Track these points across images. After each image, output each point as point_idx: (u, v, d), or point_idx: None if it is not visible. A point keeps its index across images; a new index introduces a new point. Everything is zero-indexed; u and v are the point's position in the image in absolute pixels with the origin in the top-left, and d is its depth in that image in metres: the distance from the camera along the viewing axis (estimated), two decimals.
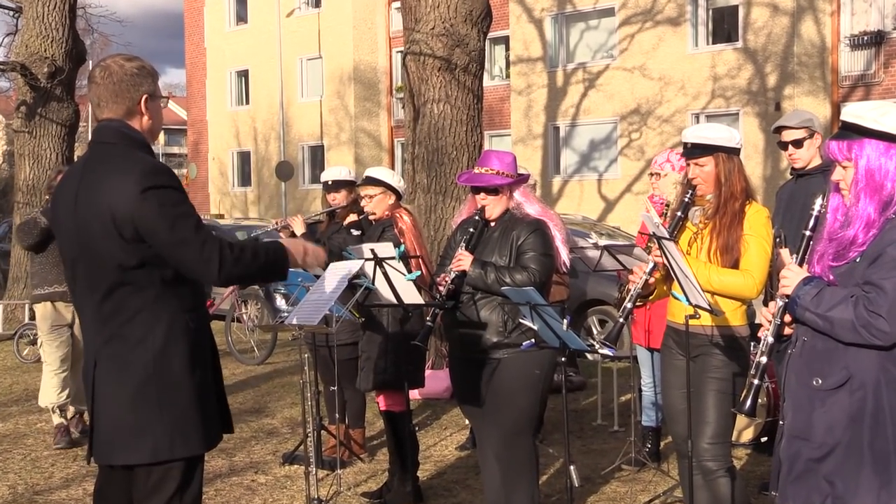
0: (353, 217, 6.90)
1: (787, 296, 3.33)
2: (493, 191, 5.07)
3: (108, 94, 3.63)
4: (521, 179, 5.18)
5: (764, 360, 3.46)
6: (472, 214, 5.18)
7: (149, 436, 3.52)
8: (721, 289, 4.49)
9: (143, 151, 3.61)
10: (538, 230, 5.02)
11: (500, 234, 5.09)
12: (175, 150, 58.54)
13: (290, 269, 6.55)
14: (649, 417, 6.95)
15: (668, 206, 6.23)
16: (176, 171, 41.76)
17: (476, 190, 5.12)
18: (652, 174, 6.53)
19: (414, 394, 8.44)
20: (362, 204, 6.48)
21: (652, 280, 4.64)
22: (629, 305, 4.53)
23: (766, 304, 3.54)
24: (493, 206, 5.10)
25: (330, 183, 6.96)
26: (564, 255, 5.17)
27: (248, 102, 39.96)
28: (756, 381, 3.50)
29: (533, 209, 5.11)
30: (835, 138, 3.33)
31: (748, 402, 3.52)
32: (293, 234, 6.91)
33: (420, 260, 5.94)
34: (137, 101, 3.64)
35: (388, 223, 6.26)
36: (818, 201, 3.38)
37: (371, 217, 6.40)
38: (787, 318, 3.39)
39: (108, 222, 3.45)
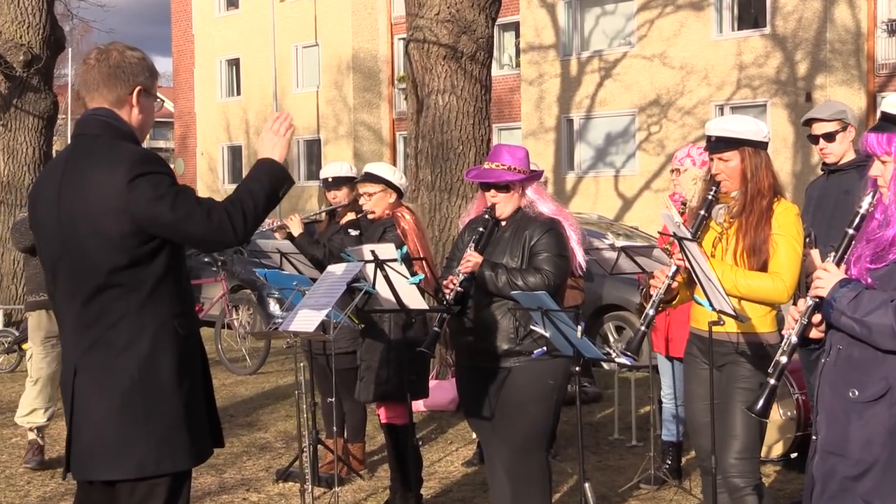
0: (350, 216, 6.90)
1: (820, 297, 3.32)
2: (505, 188, 5.07)
3: (101, 77, 3.65)
4: (534, 176, 5.19)
5: (784, 360, 3.46)
6: (481, 213, 5.18)
7: (133, 449, 3.52)
8: (749, 293, 4.49)
9: (129, 142, 3.62)
10: (552, 230, 5.03)
11: (511, 234, 5.09)
12: (161, 144, 58.54)
13: (285, 273, 6.60)
14: (670, 431, 6.94)
15: (684, 204, 6.24)
16: None
17: (486, 187, 5.13)
18: (673, 170, 6.53)
19: (418, 405, 8.45)
20: (361, 202, 6.49)
21: (675, 284, 4.64)
22: (651, 312, 4.53)
23: (795, 304, 3.52)
24: (504, 205, 5.10)
25: (331, 180, 6.97)
26: (580, 256, 5.18)
27: (239, 93, 39.99)
28: (773, 382, 3.50)
29: (546, 207, 5.12)
30: (874, 130, 3.32)
31: (761, 403, 3.52)
32: (289, 236, 6.93)
33: (424, 262, 5.94)
34: (130, 92, 3.65)
35: (388, 223, 6.26)
36: (867, 199, 3.34)
37: (370, 216, 6.40)
38: (816, 318, 3.38)
39: (97, 219, 3.46)
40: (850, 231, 3.35)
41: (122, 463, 3.54)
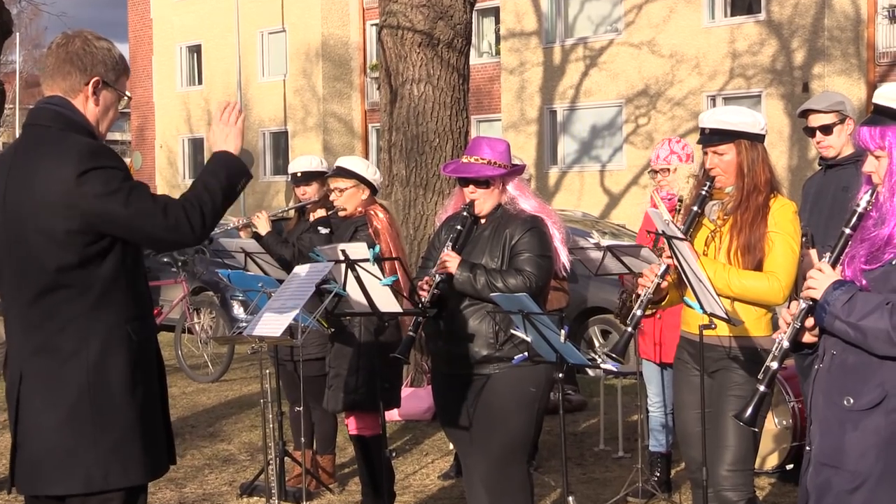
0: (321, 213, 6.90)
1: (814, 300, 3.34)
2: (484, 183, 5.08)
3: (57, 64, 3.63)
4: (516, 170, 5.20)
5: (774, 365, 3.49)
6: (459, 210, 5.19)
7: (81, 462, 3.51)
8: (742, 293, 4.51)
9: (82, 134, 3.59)
10: (535, 228, 5.04)
11: (491, 232, 5.10)
12: (117, 136, 58.22)
13: (250, 274, 6.59)
14: (658, 441, 6.97)
15: (681, 201, 6.26)
16: None
17: (464, 182, 5.13)
18: (658, 171, 6.55)
19: (392, 415, 8.45)
20: (332, 198, 6.49)
21: (664, 284, 4.66)
22: (639, 313, 4.56)
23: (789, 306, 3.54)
24: (484, 201, 5.11)
25: (300, 175, 6.97)
26: (564, 256, 5.19)
27: (200, 82, 39.85)
28: (762, 388, 3.54)
29: (528, 204, 5.13)
30: (866, 124, 3.35)
31: (749, 410, 3.55)
32: (255, 234, 6.92)
33: (398, 263, 5.95)
34: (86, 82, 3.63)
35: (360, 221, 6.27)
36: (865, 197, 3.37)
37: (341, 213, 6.40)
38: (809, 322, 3.40)
39: (44, 215, 3.45)
40: (847, 230, 3.37)
41: (69, 476, 3.52)
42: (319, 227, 6.75)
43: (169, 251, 3.48)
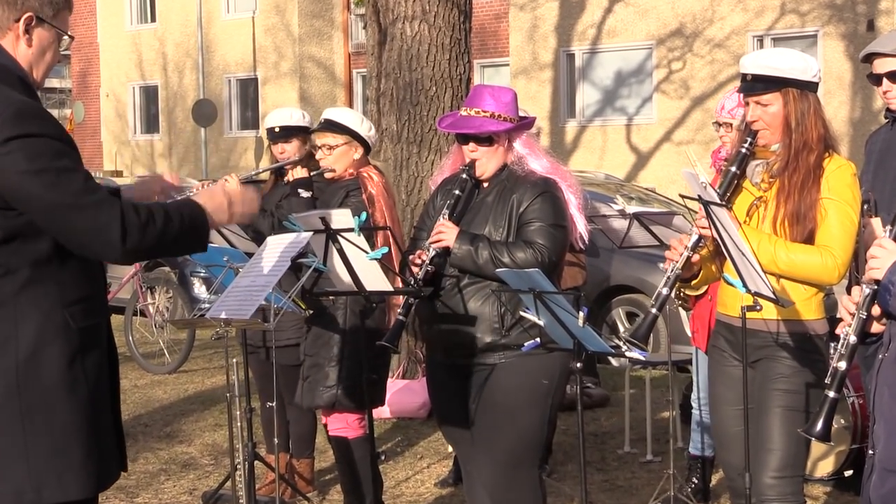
0: (301, 172, 6.85)
1: (878, 281, 3.34)
2: (487, 140, 5.08)
3: None
4: (524, 125, 5.20)
5: (843, 365, 3.48)
6: (458, 171, 5.19)
7: (9, 474, 3.50)
8: (791, 270, 4.51)
9: (12, 84, 3.56)
10: (547, 193, 5.05)
11: (495, 198, 5.10)
12: (55, 83, 58.03)
13: (214, 246, 6.59)
14: (697, 443, 6.96)
15: None
16: (55, 112, 41.44)
17: (463, 139, 5.13)
18: (721, 124, 6.46)
19: (381, 412, 8.47)
20: (318, 157, 6.46)
21: (696, 258, 4.66)
22: (665, 291, 4.55)
23: (849, 290, 3.53)
24: (487, 161, 5.11)
25: (278, 130, 6.94)
26: (581, 226, 5.20)
27: (153, 19, 39.72)
28: (832, 394, 3.52)
29: (539, 165, 5.14)
30: None
31: (820, 423, 3.55)
32: None
33: (389, 233, 5.94)
34: (15, 18, 3.58)
35: (353, 185, 6.23)
36: None
37: (328, 175, 6.37)
38: (877, 310, 3.40)
39: None
40: None
41: None
42: (300, 190, 6.68)
43: (86, 255, 3.40)
